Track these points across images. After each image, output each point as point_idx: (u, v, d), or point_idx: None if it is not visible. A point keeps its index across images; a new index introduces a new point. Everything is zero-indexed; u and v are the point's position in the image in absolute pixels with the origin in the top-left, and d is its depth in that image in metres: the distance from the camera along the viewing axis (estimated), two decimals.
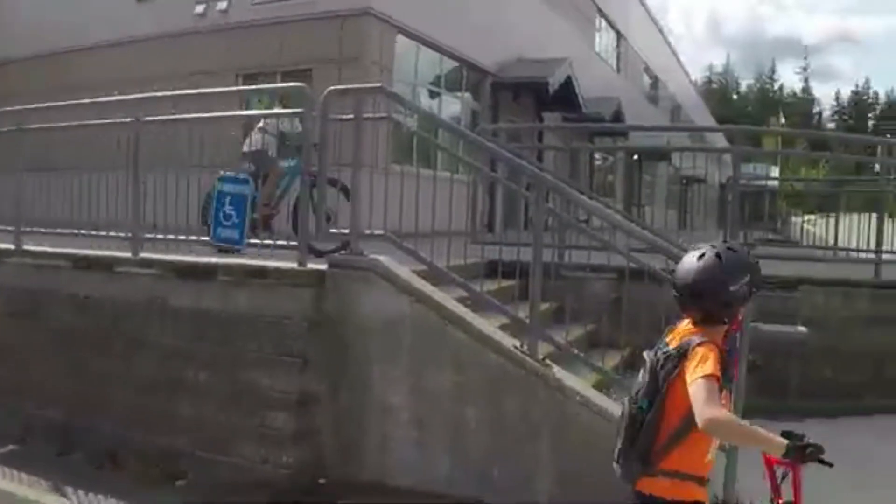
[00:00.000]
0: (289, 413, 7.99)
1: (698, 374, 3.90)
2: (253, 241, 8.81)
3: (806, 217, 22.42)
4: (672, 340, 4.22)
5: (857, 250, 14.41)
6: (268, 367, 8.10)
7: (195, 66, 18.46)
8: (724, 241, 4.42)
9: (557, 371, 7.69)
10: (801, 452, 4.02)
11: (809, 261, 13.93)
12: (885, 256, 13.09)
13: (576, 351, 8.45)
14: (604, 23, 39.21)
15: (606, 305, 9.67)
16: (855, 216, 15.46)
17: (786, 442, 3.99)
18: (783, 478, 4.33)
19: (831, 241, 16.54)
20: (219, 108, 9.61)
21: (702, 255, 4.20)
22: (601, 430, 7.43)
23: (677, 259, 8.16)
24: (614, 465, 4.29)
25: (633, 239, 8.67)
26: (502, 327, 8.17)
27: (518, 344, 7.74)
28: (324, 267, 8.18)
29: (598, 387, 8.29)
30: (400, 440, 7.86)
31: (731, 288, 4.14)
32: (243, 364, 8.24)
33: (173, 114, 9.28)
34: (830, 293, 11.79)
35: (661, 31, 55.44)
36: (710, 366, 3.91)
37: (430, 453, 7.77)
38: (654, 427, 4.08)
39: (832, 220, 16.65)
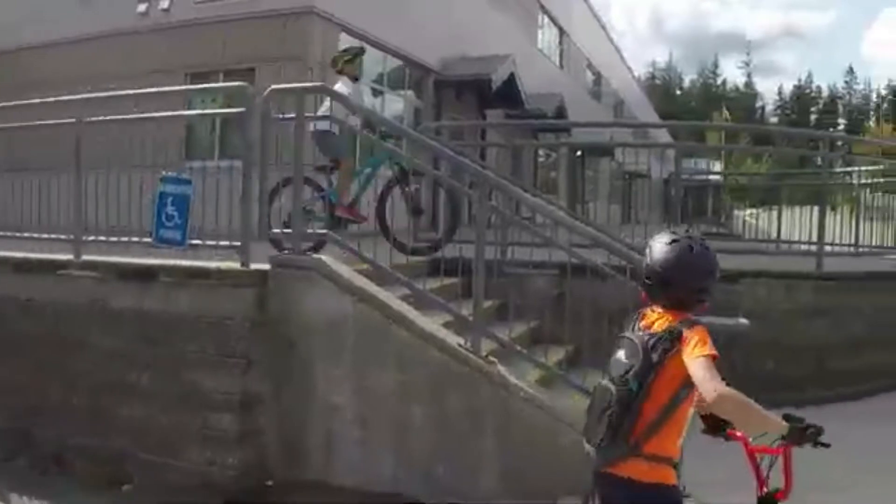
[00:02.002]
0: (233, 414, 7.96)
1: (698, 353, 3.96)
2: (195, 241, 8.75)
3: (749, 211, 22.57)
4: (652, 325, 4.26)
5: (800, 243, 14.57)
6: (211, 369, 8.05)
7: (141, 66, 18.27)
8: (687, 232, 4.43)
9: (501, 368, 7.72)
10: (802, 434, 4.10)
11: (752, 254, 14.04)
12: (826, 249, 13.24)
13: (519, 347, 8.50)
14: (546, 19, 39.31)
15: (549, 302, 9.69)
16: (797, 209, 15.63)
17: (786, 424, 4.09)
18: (770, 466, 4.36)
19: (774, 235, 16.69)
20: (163, 107, 9.55)
21: (673, 242, 4.27)
22: (544, 425, 7.51)
23: (619, 254, 8.32)
24: (588, 449, 4.30)
25: (576, 235, 8.73)
26: (446, 325, 8.18)
27: (462, 341, 7.76)
28: (266, 267, 8.13)
29: (542, 382, 8.33)
30: (344, 440, 7.84)
31: (703, 275, 4.25)
32: (186, 365, 8.18)
33: (119, 114, 9.20)
34: (773, 286, 11.88)
35: (603, 27, 55.68)
36: (709, 347, 3.99)
37: (375, 452, 7.77)
38: (640, 407, 4.09)
39: (775, 214, 16.80)
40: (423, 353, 7.62)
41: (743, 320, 9.26)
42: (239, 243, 8.30)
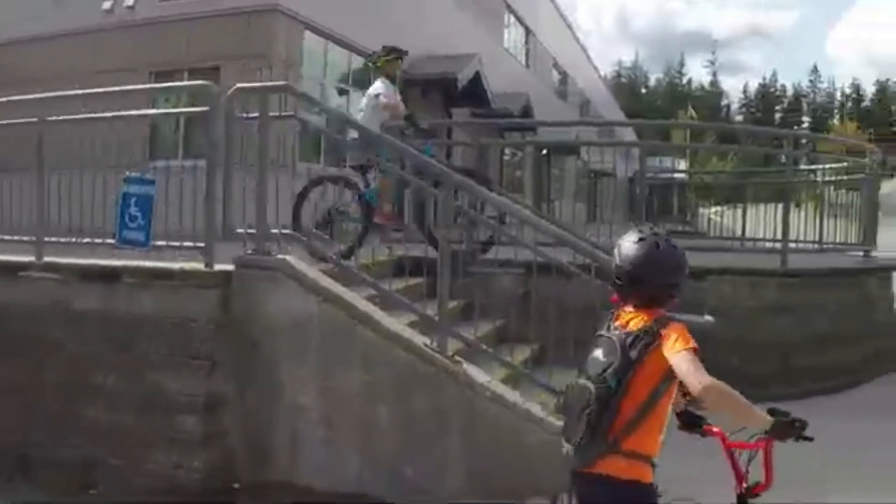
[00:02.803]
0: (198, 416, 7.89)
1: (680, 348, 4.00)
2: (159, 242, 8.68)
3: (714, 209, 22.70)
4: (627, 324, 4.27)
5: (765, 240, 14.66)
6: (175, 370, 7.98)
7: (106, 64, 18.12)
8: (652, 229, 4.44)
9: (467, 367, 7.72)
10: (788, 427, 4.12)
11: (718, 251, 14.10)
12: (791, 246, 13.31)
13: (485, 347, 8.50)
14: (512, 19, 39.37)
15: (515, 301, 9.69)
16: (762, 207, 15.71)
17: (771, 418, 4.09)
18: (749, 462, 4.37)
19: (739, 232, 16.78)
20: (127, 106, 9.46)
21: (640, 240, 4.29)
22: (511, 425, 7.52)
23: (584, 253, 8.32)
24: (566, 448, 4.29)
25: (541, 234, 8.73)
26: (411, 325, 8.17)
27: (427, 341, 7.75)
28: (230, 267, 8.08)
29: (508, 382, 8.32)
30: (310, 440, 7.80)
31: (671, 272, 4.28)
32: (151, 367, 8.10)
33: (83, 113, 9.11)
34: (738, 283, 11.94)
35: (569, 26, 55.84)
36: (689, 341, 4.03)
37: (341, 453, 7.73)
38: (618, 404, 4.09)
39: (740, 212, 16.90)
40: (389, 353, 7.60)
41: (708, 318, 9.31)
42: (203, 244, 8.25)
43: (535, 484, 7.39)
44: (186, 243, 8.43)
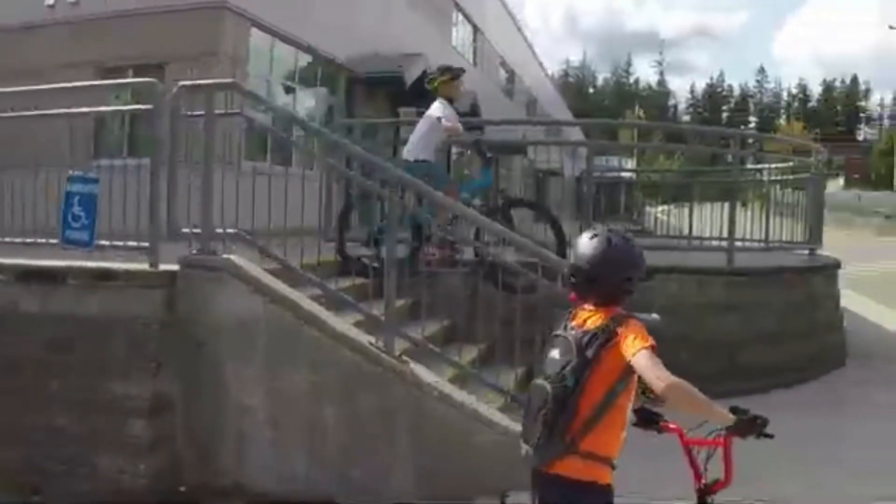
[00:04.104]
0: (143, 420, 7.77)
1: (639, 346, 4.00)
2: (103, 242, 8.58)
3: (661, 208, 22.85)
4: (584, 323, 4.27)
5: (711, 239, 14.76)
6: (120, 373, 7.85)
7: (50, 61, 17.87)
8: (605, 226, 4.48)
9: (414, 367, 7.72)
10: (750, 424, 4.14)
11: (665, 250, 14.17)
12: (737, 244, 13.43)
13: (432, 346, 8.49)
14: (460, 17, 39.38)
15: (462, 300, 9.69)
16: (708, 206, 15.83)
17: (732, 416, 4.11)
18: (707, 459, 4.39)
19: (686, 231, 16.89)
20: (72, 104, 9.33)
21: (594, 238, 4.31)
22: (458, 424, 7.53)
23: (531, 252, 8.33)
24: (524, 449, 4.28)
25: (488, 233, 8.75)
26: (358, 325, 8.14)
27: (374, 341, 7.74)
28: (175, 268, 8.00)
29: (456, 381, 8.32)
30: (257, 443, 7.76)
31: (626, 268, 4.31)
32: (96, 370, 7.96)
33: (27, 110, 9.00)
34: (685, 281, 12.02)
35: (517, 25, 55.93)
36: (646, 339, 4.03)
37: (288, 455, 7.71)
38: (576, 404, 4.09)
39: (686, 210, 17.02)
40: (336, 353, 7.58)
41: (654, 316, 9.35)
42: (148, 244, 8.17)
43: (483, 483, 7.42)
44: (131, 243, 8.33)
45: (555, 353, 4.24)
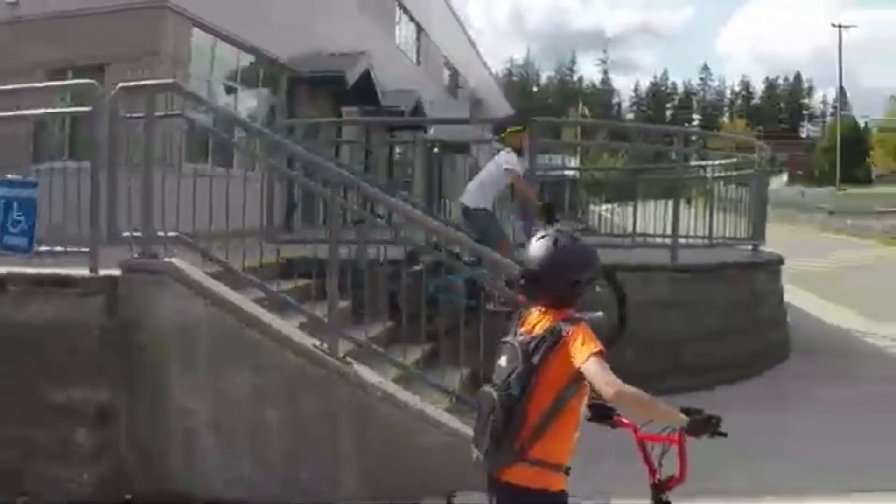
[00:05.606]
0: (87, 427, 7.71)
1: (587, 352, 3.98)
2: (43, 247, 8.47)
3: (605, 206, 22.96)
4: (533, 328, 4.26)
5: (655, 236, 14.84)
6: (63, 381, 7.76)
7: None
8: (556, 228, 4.48)
9: (358, 368, 7.72)
10: (704, 424, 4.14)
11: (609, 248, 14.22)
12: (681, 241, 13.52)
13: (376, 347, 8.49)
14: (404, 16, 39.32)
15: (406, 300, 9.70)
16: (652, 203, 15.92)
17: (686, 417, 4.11)
18: (662, 454, 4.39)
19: (630, 229, 16.98)
20: (10, 107, 9.22)
21: (539, 238, 4.32)
22: (403, 425, 7.54)
23: (473, 251, 8.35)
24: (476, 456, 4.27)
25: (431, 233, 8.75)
26: (302, 327, 8.13)
27: (318, 343, 7.72)
28: (117, 272, 7.91)
29: (400, 382, 8.32)
30: (201, 446, 7.71)
31: (574, 268, 4.28)
32: (37, 378, 7.82)
33: None
34: (629, 278, 12.04)
35: (461, 24, 55.95)
36: (595, 343, 4.01)
37: (233, 457, 7.67)
38: (523, 412, 4.07)
39: (630, 208, 17.12)
40: (279, 355, 7.57)
41: (598, 313, 9.39)
42: (88, 249, 8.08)
43: (430, 483, 7.42)
44: (71, 248, 8.24)
45: (502, 361, 4.23)
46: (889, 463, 8.73)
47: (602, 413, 4.53)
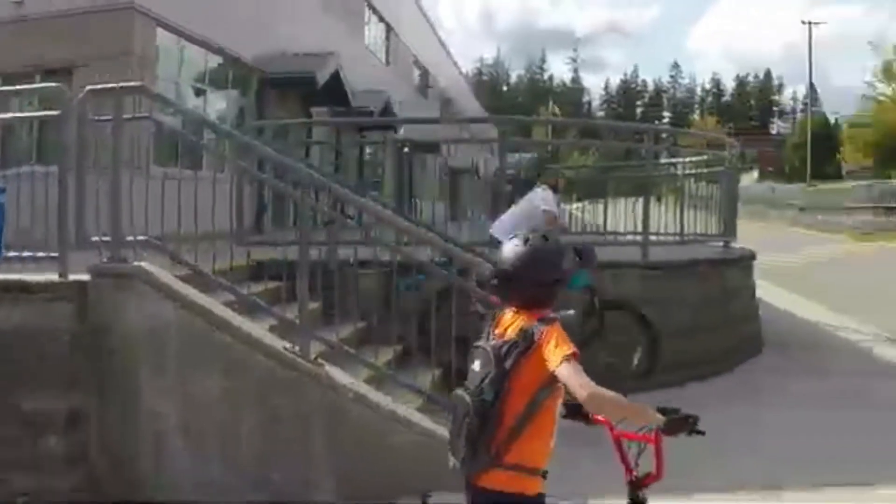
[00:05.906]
0: (58, 435, 7.64)
1: (561, 355, 3.95)
2: (11, 253, 8.41)
3: (575, 204, 23.01)
4: (506, 330, 4.26)
5: (626, 234, 14.89)
6: (33, 387, 7.67)
7: None
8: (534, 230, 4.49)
9: (330, 369, 7.71)
10: (682, 423, 4.16)
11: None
12: (652, 238, 13.57)
13: (347, 348, 8.48)
14: (373, 16, 39.29)
15: (377, 301, 9.69)
16: (623, 200, 15.98)
17: (662, 416, 4.12)
18: (639, 453, 4.39)
19: (601, 227, 17.02)
20: None
21: (512, 239, 4.34)
22: (375, 425, 7.55)
23: (444, 251, 8.35)
24: (452, 462, 4.26)
25: (402, 234, 8.76)
26: (272, 329, 8.12)
27: (289, 345, 7.71)
28: (86, 277, 7.85)
29: (372, 383, 8.32)
30: (173, 451, 7.65)
31: (546, 269, 4.28)
32: (7, 386, 7.75)
33: None
34: (600, 276, 12.07)
35: (431, 24, 55.97)
36: (568, 345, 3.99)
37: (204, 463, 7.62)
38: (497, 416, 4.06)
39: (601, 206, 17.17)
40: (249, 358, 7.55)
41: (569, 311, 9.41)
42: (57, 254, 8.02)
43: (403, 483, 7.42)
44: (40, 254, 8.18)
45: (476, 366, 4.22)
46: (861, 455, 8.85)
47: (577, 409, 4.50)
